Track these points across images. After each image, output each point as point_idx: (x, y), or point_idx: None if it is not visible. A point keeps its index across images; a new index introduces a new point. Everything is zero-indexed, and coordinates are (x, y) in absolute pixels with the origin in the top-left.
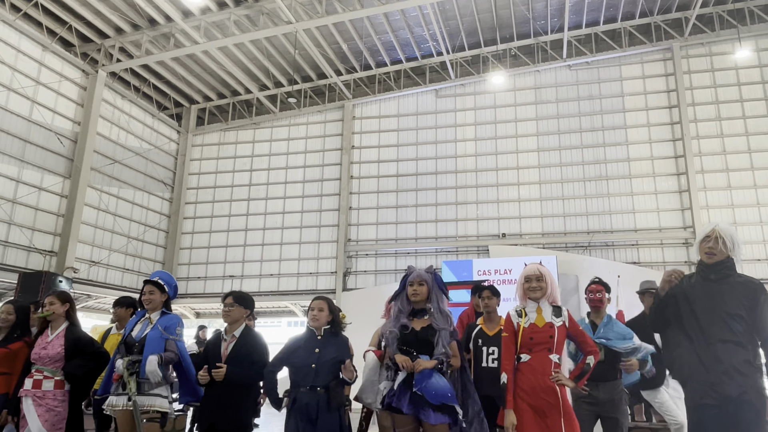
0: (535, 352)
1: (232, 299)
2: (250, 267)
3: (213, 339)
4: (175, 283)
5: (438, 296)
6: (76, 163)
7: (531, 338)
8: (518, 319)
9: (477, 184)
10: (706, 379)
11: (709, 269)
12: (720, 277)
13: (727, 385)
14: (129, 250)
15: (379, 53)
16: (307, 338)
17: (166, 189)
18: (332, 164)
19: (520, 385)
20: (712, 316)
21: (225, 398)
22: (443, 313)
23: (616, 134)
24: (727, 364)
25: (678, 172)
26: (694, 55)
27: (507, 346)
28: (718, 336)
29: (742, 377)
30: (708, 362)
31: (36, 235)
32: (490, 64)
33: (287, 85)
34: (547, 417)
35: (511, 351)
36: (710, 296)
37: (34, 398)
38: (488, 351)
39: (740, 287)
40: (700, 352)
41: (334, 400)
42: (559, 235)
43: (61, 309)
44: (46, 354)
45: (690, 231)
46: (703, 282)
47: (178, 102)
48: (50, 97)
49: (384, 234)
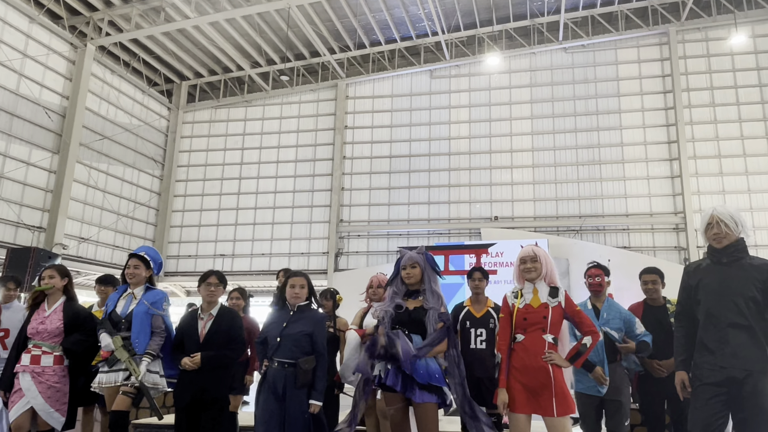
0: (529, 332)
1: (217, 279)
2: (241, 246)
3: (188, 318)
4: (161, 260)
5: (431, 277)
6: (64, 138)
7: (525, 318)
8: (514, 300)
9: (470, 166)
10: (712, 361)
11: (720, 253)
12: (732, 260)
13: (733, 368)
14: (119, 227)
15: (373, 32)
16: (280, 312)
17: (157, 166)
18: (325, 144)
19: (513, 365)
20: (722, 300)
21: (201, 376)
22: (434, 293)
23: (610, 118)
24: (734, 346)
25: (671, 158)
26: (690, 39)
27: (503, 327)
28: (728, 319)
29: (749, 360)
30: (714, 345)
31: (24, 210)
32: (485, 46)
33: (279, 63)
34: (540, 396)
35: (506, 331)
36: (721, 280)
37: (33, 374)
38: (476, 332)
39: (753, 270)
40: (705, 335)
41: (301, 377)
42: (551, 219)
43: (60, 283)
44: (44, 329)
45: (681, 216)
46: (715, 266)
47: (168, 78)
48: (38, 71)
49: (376, 215)
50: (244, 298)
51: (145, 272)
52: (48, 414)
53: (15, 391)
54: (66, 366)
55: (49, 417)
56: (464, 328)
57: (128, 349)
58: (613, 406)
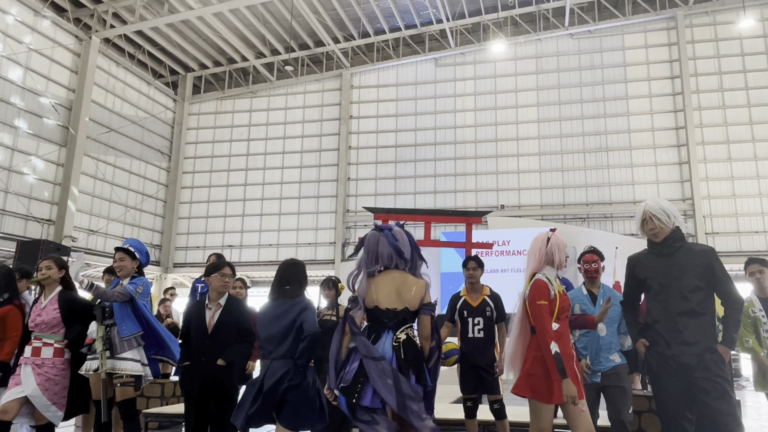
0: (562, 320)
1: (231, 270)
2: (249, 237)
3: (194, 309)
4: (146, 250)
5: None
6: (71, 131)
7: (563, 307)
8: (552, 287)
9: (476, 155)
10: (667, 352)
11: (660, 246)
12: (672, 250)
13: (687, 355)
14: (127, 219)
15: (377, 20)
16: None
17: (164, 158)
18: (330, 134)
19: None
20: (669, 290)
21: (211, 365)
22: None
23: (617, 105)
24: (686, 335)
25: (678, 144)
26: (697, 24)
27: (546, 316)
28: (677, 308)
29: (700, 346)
30: (668, 334)
31: (33, 203)
32: (490, 33)
33: (284, 53)
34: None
35: (550, 320)
36: (666, 271)
37: (33, 366)
38: (473, 321)
39: (694, 256)
40: (659, 326)
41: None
42: (558, 207)
43: (57, 274)
44: (42, 320)
45: (689, 203)
46: (657, 258)
47: (173, 70)
48: (44, 64)
49: (382, 205)
50: (245, 288)
51: (131, 263)
52: (45, 407)
53: (13, 377)
54: (67, 359)
55: (45, 410)
56: (462, 318)
57: (106, 340)
58: (613, 393)
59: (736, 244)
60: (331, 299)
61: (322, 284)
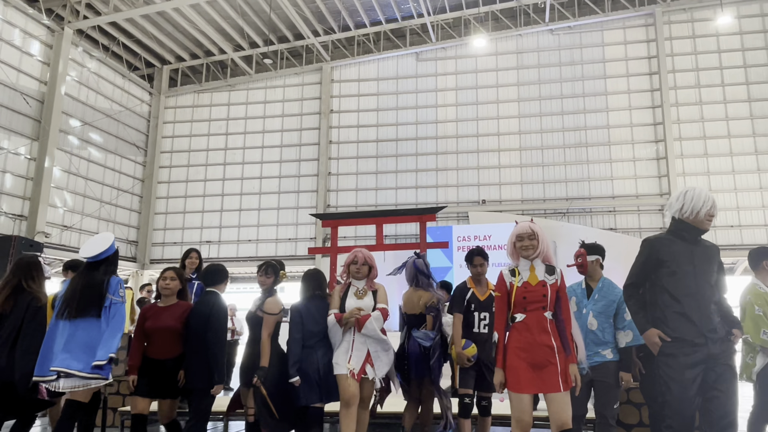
0: (529, 311)
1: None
2: (228, 233)
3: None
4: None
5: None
6: (43, 125)
7: (524, 297)
8: (511, 278)
9: (458, 150)
10: (698, 339)
11: (693, 233)
12: (699, 240)
13: (715, 344)
14: (102, 214)
15: (357, 13)
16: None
17: (139, 152)
18: (311, 128)
19: (515, 345)
20: (700, 279)
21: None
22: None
23: (597, 101)
24: (715, 323)
25: (656, 139)
26: (676, 21)
27: (499, 307)
28: (710, 297)
29: (722, 337)
30: (701, 323)
31: (4, 198)
32: (471, 28)
33: (263, 46)
34: (544, 373)
35: (504, 311)
36: (695, 259)
37: None
38: (480, 316)
39: (713, 250)
40: (690, 313)
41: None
42: (539, 202)
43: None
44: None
45: (666, 198)
46: (683, 243)
47: (149, 62)
48: (14, 56)
49: (364, 200)
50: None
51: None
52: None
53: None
54: None
55: None
56: (469, 311)
57: None
58: (600, 387)
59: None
60: (267, 287)
61: (260, 269)
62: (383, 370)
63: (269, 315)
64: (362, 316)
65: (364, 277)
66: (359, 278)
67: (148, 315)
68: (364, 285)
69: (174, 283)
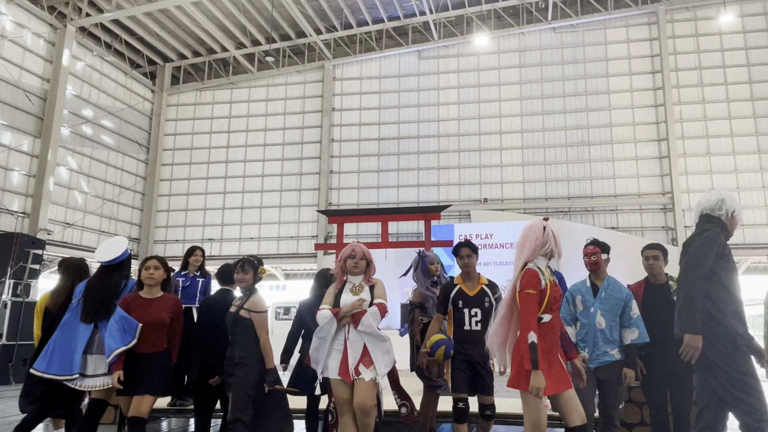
0: (554, 311)
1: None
2: (230, 230)
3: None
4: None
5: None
6: (46, 122)
7: (555, 297)
8: (542, 277)
9: (459, 148)
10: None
11: (729, 232)
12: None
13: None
14: (104, 212)
15: (360, 11)
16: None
17: (141, 150)
18: (312, 127)
19: (542, 346)
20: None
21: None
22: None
23: (599, 99)
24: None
25: (659, 138)
26: (678, 19)
27: (532, 305)
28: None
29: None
30: (742, 314)
31: (6, 195)
32: (474, 26)
33: (265, 44)
34: (553, 369)
35: (536, 310)
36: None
37: None
38: (470, 312)
39: None
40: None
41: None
42: (540, 201)
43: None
44: None
45: (668, 197)
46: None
47: (151, 60)
48: (17, 53)
49: (366, 198)
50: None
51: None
52: None
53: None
54: None
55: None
56: (457, 308)
57: None
58: (606, 387)
59: None
60: (247, 285)
61: (237, 266)
62: (384, 370)
63: (260, 313)
64: (360, 311)
65: (361, 273)
66: (356, 273)
67: (133, 306)
68: (362, 281)
69: (158, 272)
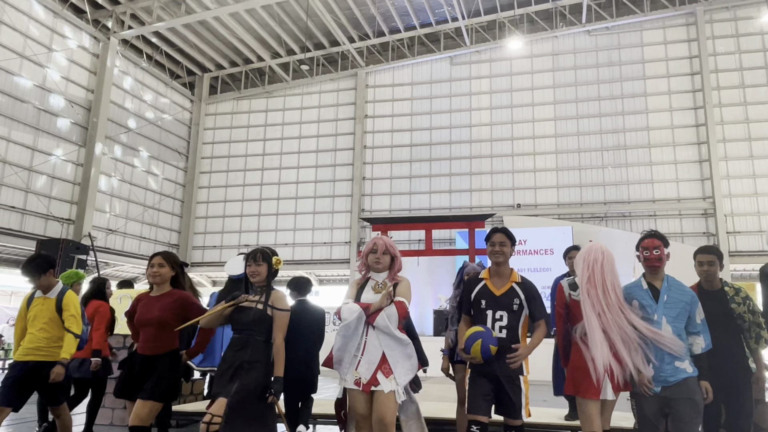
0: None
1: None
2: (265, 236)
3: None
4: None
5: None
6: (90, 132)
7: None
8: (570, 291)
9: (492, 153)
10: None
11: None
12: None
13: None
14: (145, 218)
15: (392, 19)
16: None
17: (181, 158)
18: (346, 134)
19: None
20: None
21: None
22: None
23: (636, 102)
24: None
25: (699, 141)
26: (718, 19)
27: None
28: None
29: None
30: None
31: (53, 203)
32: (506, 30)
33: (300, 53)
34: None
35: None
36: None
37: None
38: (494, 316)
39: None
40: None
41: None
42: (575, 206)
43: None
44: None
45: (709, 201)
46: None
47: (190, 70)
48: (63, 65)
49: (398, 204)
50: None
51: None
52: None
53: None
54: None
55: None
56: (478, 309)
57: None
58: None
59: (758, 243)
60: (261, 279)
61: (249, 257)
62: (404, 379)
63: (283, 311)
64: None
65: (385, 269)
66: (379, 270)
67: (139, 306)
68: (385, 278)
69: (163, 270)
